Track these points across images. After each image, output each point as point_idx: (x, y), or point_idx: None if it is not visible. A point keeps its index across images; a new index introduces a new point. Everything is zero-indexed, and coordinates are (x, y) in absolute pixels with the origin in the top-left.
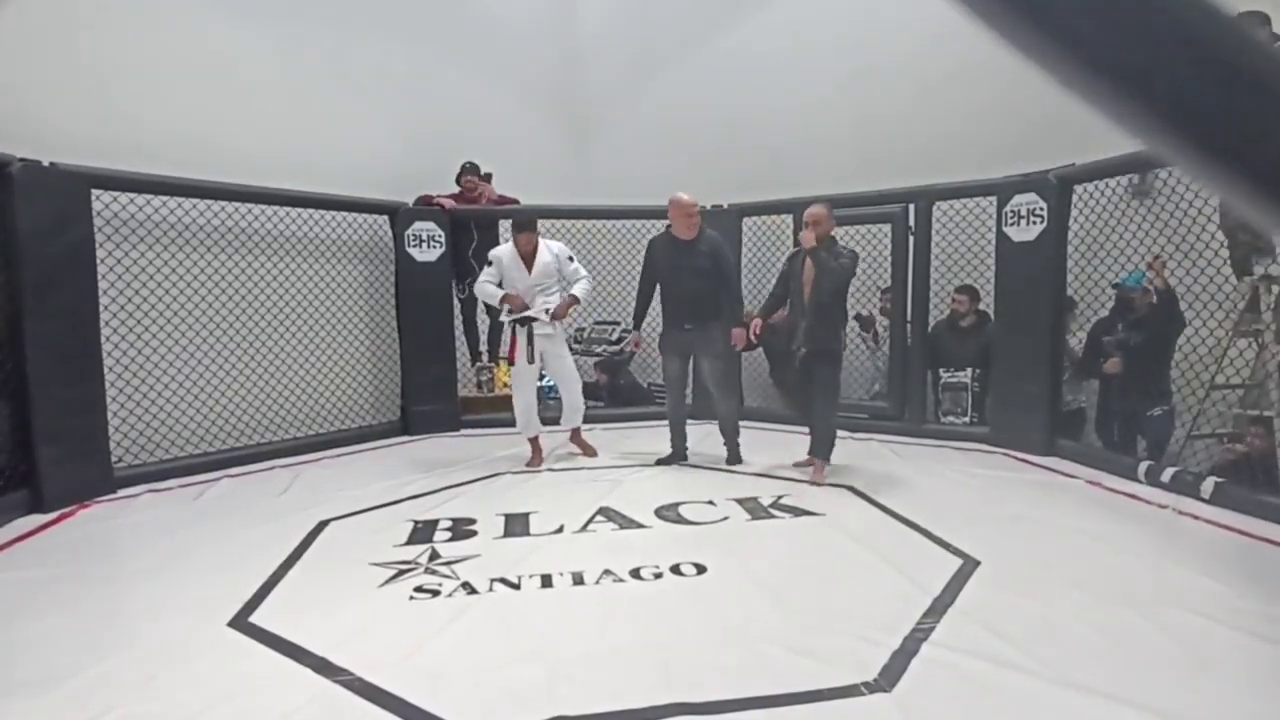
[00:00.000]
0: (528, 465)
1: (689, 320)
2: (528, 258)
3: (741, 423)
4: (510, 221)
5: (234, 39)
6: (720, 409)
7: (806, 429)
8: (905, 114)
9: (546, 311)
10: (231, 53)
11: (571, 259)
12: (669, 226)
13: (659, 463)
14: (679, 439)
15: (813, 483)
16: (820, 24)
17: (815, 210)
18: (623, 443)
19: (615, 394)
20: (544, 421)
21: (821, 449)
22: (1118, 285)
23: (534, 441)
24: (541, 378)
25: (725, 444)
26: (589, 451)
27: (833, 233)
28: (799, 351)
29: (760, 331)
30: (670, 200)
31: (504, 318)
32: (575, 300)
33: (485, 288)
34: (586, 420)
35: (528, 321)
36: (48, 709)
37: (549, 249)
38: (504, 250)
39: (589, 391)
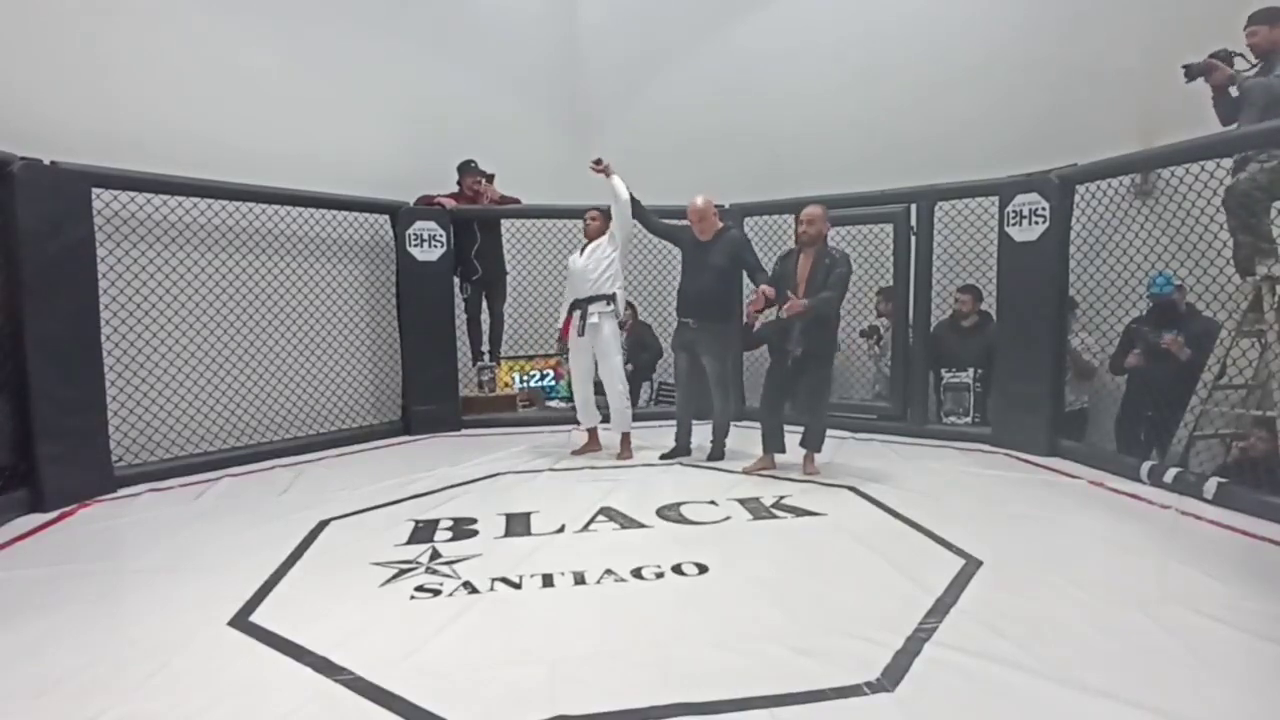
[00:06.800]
0: (574, 452)
1: (693, 317)
2: (592, 237)
3: (746, 423)
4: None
5: (235, 38)
6: (715, 406)
7: (759, 425)
8: (907, 114)
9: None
10: (233, 52)
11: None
12: None
13: (663, 457)
14: (684, 435)
15: (806, 474)
16: (822, 23)
17: (811, 210)
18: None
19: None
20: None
21: (814, 441)
22: (1153, 295)
23: (591, 432)
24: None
25: (712, 441)
26: (626, 454)
27: (827, 234)
28: (795, 352)
29: (759, 309)
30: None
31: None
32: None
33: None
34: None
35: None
36: (48, 709)
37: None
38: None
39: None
